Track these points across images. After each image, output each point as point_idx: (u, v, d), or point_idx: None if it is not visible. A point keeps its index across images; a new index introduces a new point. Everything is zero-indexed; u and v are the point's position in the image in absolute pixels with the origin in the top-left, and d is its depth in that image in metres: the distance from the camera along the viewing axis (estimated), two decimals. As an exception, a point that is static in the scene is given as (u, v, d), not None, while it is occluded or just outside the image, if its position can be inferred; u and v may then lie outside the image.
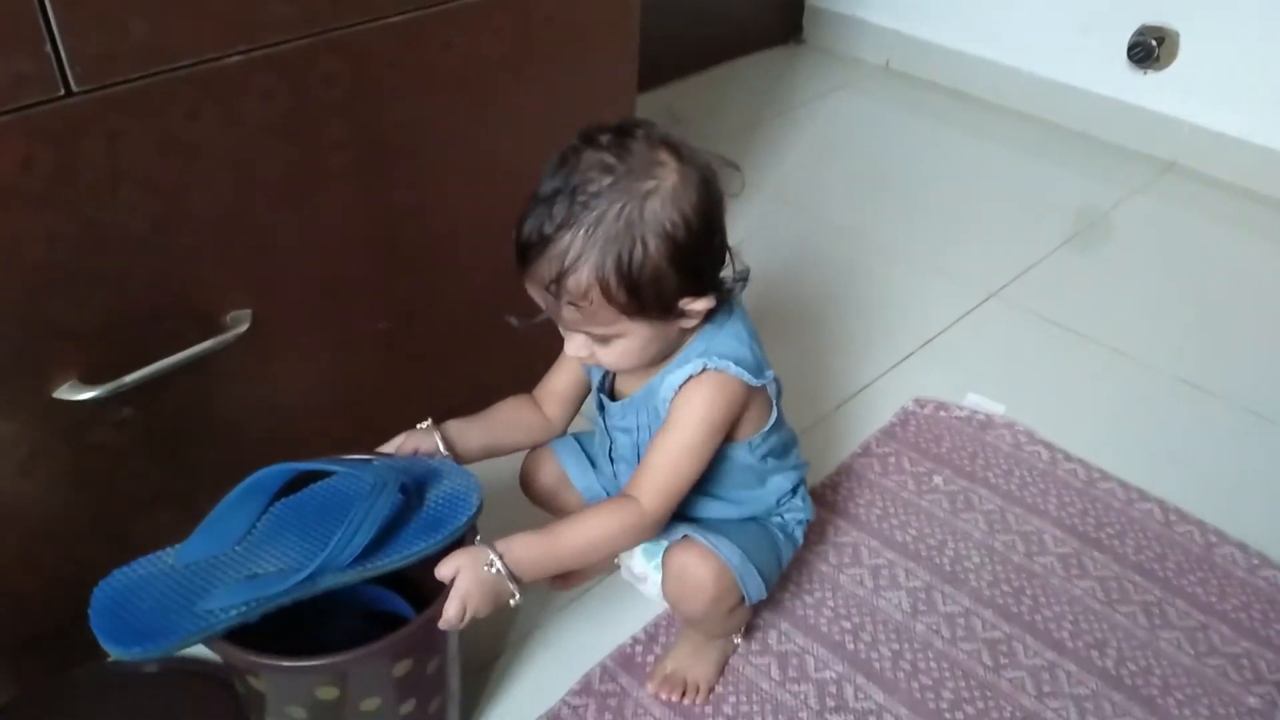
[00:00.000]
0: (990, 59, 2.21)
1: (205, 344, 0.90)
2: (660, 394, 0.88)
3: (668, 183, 0.78)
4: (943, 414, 1.39)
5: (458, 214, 1.10)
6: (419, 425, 0.93)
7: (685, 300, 0.82)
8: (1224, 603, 1.13)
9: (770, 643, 1.07)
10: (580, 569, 1.12)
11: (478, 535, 0.84)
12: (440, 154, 1.04)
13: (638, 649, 1.07)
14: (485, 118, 1.06)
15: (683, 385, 0.86)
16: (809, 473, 1.04)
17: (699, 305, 0.83)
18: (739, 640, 1.06)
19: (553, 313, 0.83)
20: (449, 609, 0.78)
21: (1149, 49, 1.95)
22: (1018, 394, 1.42)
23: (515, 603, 0.81)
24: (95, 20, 0.74)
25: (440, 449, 0.92)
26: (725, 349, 0.86)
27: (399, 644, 0.78)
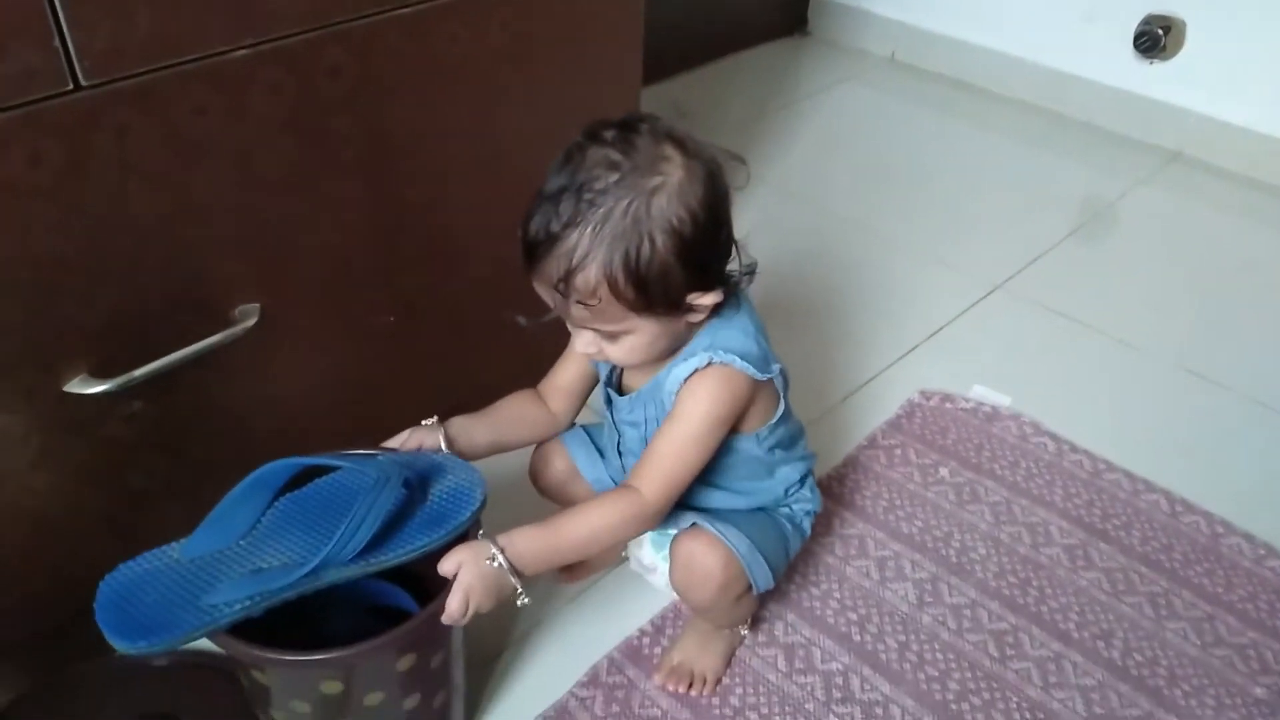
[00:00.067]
0: (995, 49, 2.21)
1: (214, 338, 0.91)
2: (666, 387, 0.88)
3: (674, 178, 0.78)
4: (948, 406, 1.39)
5: (463, 207, 1.10)
6: (424, 422, 0.93)
7: (693, 295, 0.82)
8: (1230, 593, 1.13)
9: (777, 634, 1.08)
10: (585, 561, 1.13)
11: (481, 530, 0.84)
12: (446, 147, 1.04)
13: (645, 641, 1.07)
14: (491, 111, 1.06)
15: (688, 378, 0.86)
16: (816, 464, 1.04)
17: (706, 300, 0.83)
18: (746, 632, 1.06)
19: (561, 311, 0.83)
20: (451, 603, 0.78)
21: (1155, 38, 1.94)
22: (1024, 385, 1.42)
23: (523, 601, 0.81)
24: (103, 14, 0.74)
25: (443, 446, 0.91)
26: (731, 343, 0.86)
27: (402, 639, 0.78)
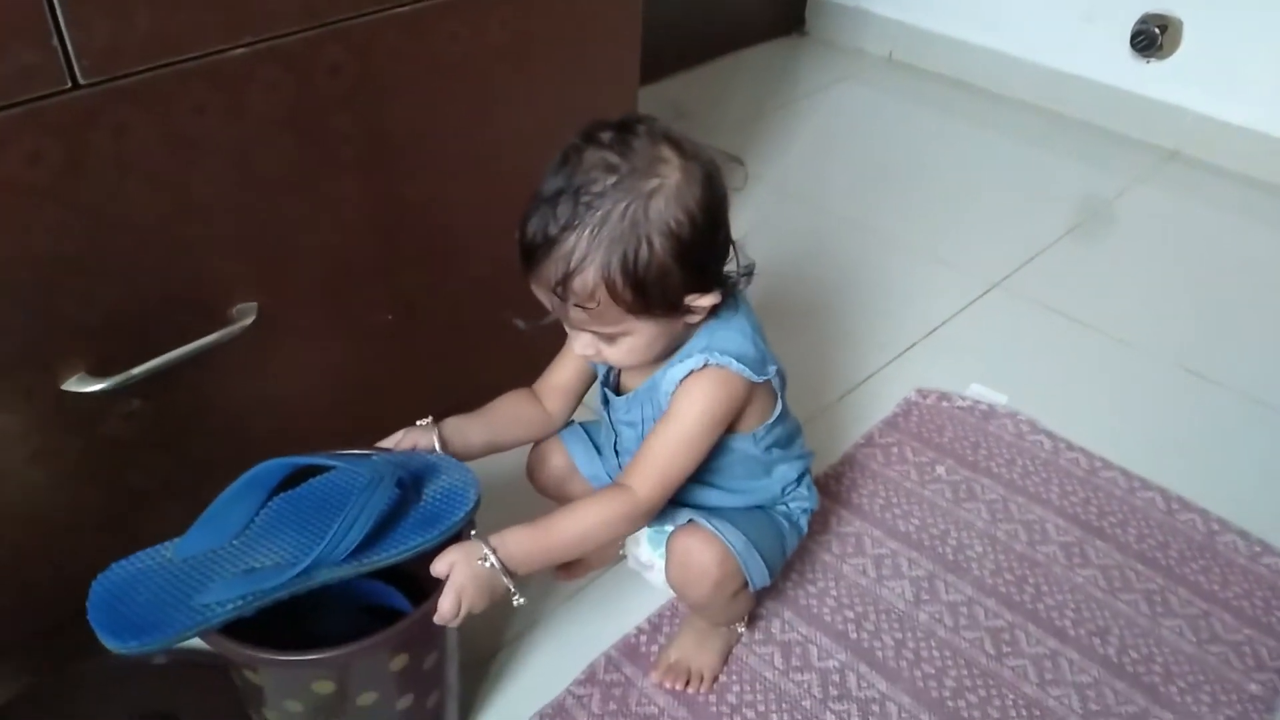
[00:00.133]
0: (993, 49, 2.21)
1: (212, 336, 0.91)
2: (663, 388, 0.88)
3: (671, 180, 0.78)
4: (945, 404, 1.39)
5: (462, 206, 1.10)
6: (419, 422, 0.93)
7: (691, 297, 0.82)
8: (1226, 590, 1.14)
9: (774, 632, 1.08)
10: (583, 559, 1.13)
11: (474, 530, 0.84)
12: (444, 145, 1.04)
13: (642, 639, 1.07)
14: (489, 109, 1.07)
15: (684, 379, 0.86)
16: (813, 462, 1.04)
17: (705, 301, 0.83)
18: (743, 629, 1.07)
19: (559, 313, 0.83)
20: (443, 604, 0.78)
21: (1152, 37, 1.94)
22: (1020, 384, 1.43)
23: (519, 602, 0.81)
24: (102, 13, 0.74)
25: (437, 446, 0.91)
26: (728, 344, 0.86)
27: (394, 639, 0.78)
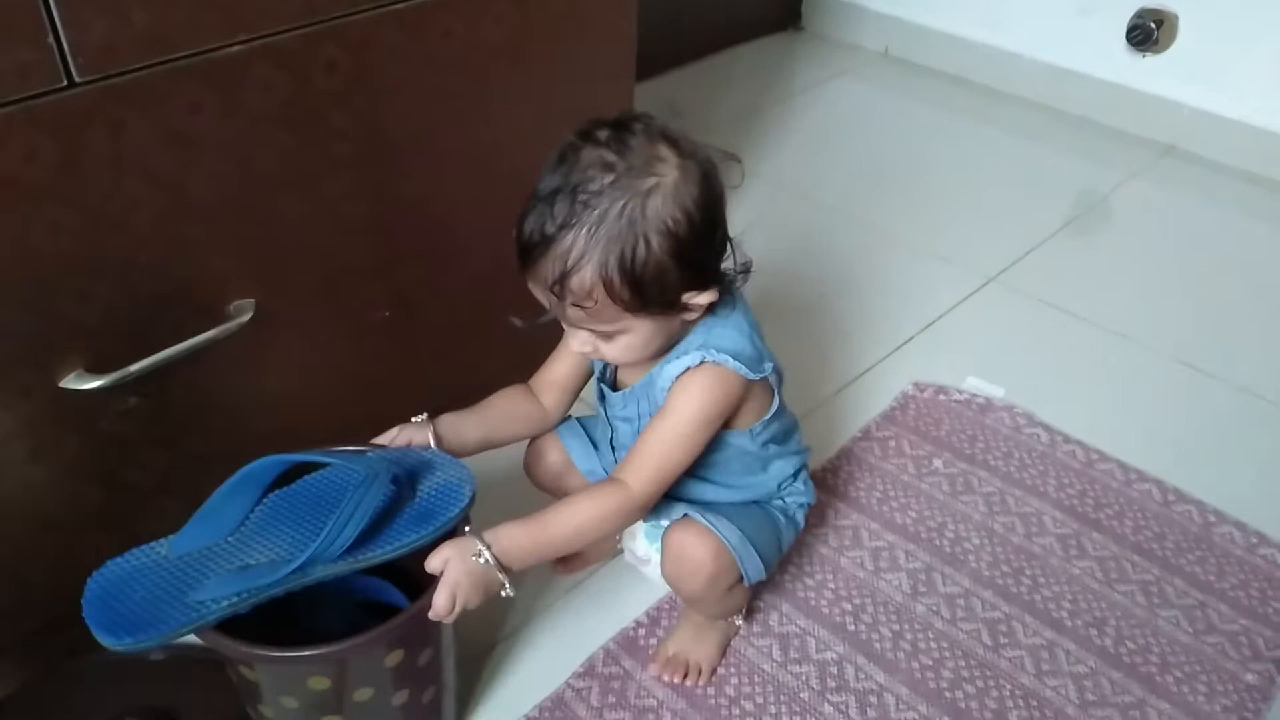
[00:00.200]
0: (989, 44, 2.21)
1: (209, 333, 0.91)
2: (659, 384, 0.88)
3: (669, 179, 0.78)
4: (942, 398, 1.40)
5: (458, 202, 1.10)
6: (414, 419, 0.93)
7: (688, 295, 0.82)
8: (1222, 581, 1.14)
9: (772, 624, 1.08)
10: (581, 553, 1.14)
11: (468, 526, 0.84)
12: (441, 142, 1.04)
13: (640, 632, 1.08)
14: (485, 107, 1.07)
15: (680, 375, 0.86)
16: (810, 456, 1.05)
17: (702, 299, 0.84)
18: (740, 622, 1.07)
19: (556, 311, 0.83)
20: (438, 600, 0.78)
21: (1148, 32, 1.95)
22: (1017, 377, 1.43)
23: (507, 594, 0.81)
24: (96, 11, 0.74)
25: (432, 443, 0.91)
26: (724, 342, 0.86)
27: (388, 635, 0.78)
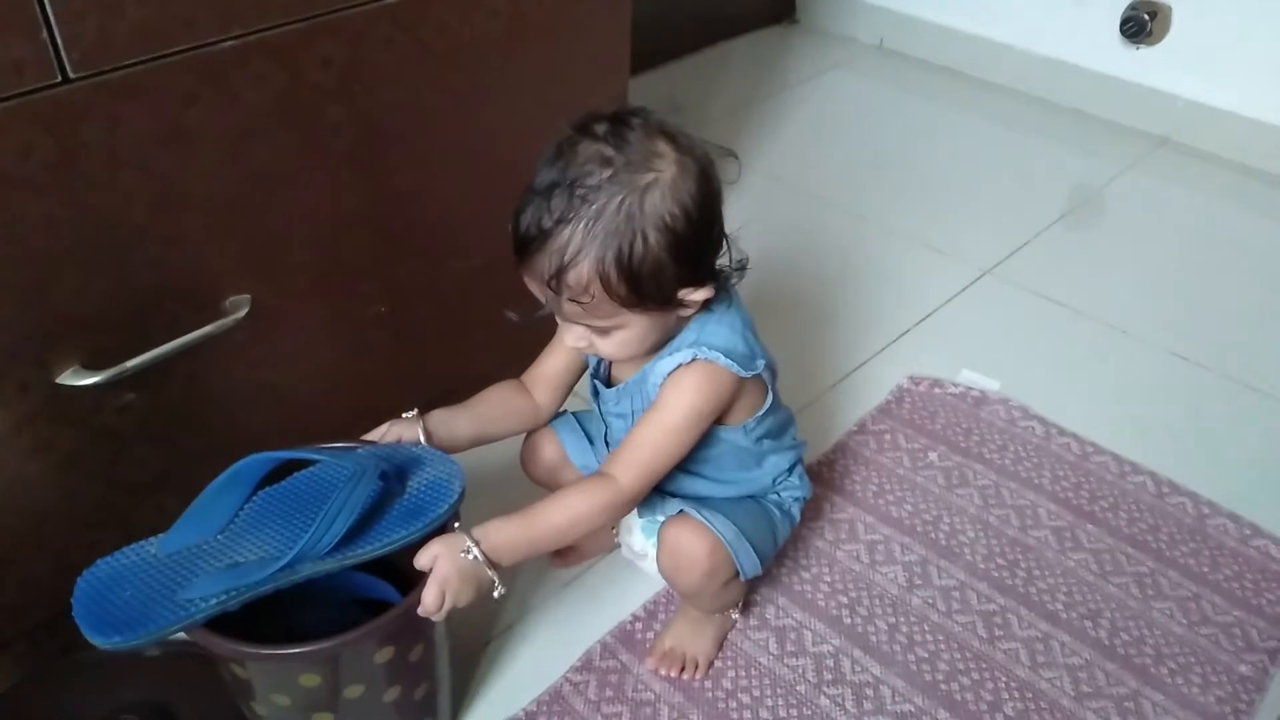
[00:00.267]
0: (983, 36, 2.21)
1: (206, 328, 0.91)
2: (651, 380, 0.88)
3: (667, 174, 0.78)
4: (937, 391, 1.40)
5: (454, 197, 1.10)
6: (404, 415, 0.93)
7: (684, 291, 0.82)
8: (1216, 573, 1.15)
9: (768, 618, 1.09)
10: (578, 547, 1.14)
11: (458, 522, 0.83)
12: (436, 136, 1.04)
13: (637, 626, 1.08)
14: (480, 100, 1.07)
15: (672, 372, 0.86)
16: (806, 451, 1.05)
17: (698, 295, 0.84)
18: (737, 615, 1.07)
19: (552, 306, 0.83)
20: (427, 596, 0.78)
21: (1141, 23, 1.95)
22: (1012, 370, 1.43)
23: (499, 593, 0.81)
24: (91, 6, 0.74)
25: (422, 439, 0.91)
26: (717, 339, 0.86)
27: (378, 632, 0.78)
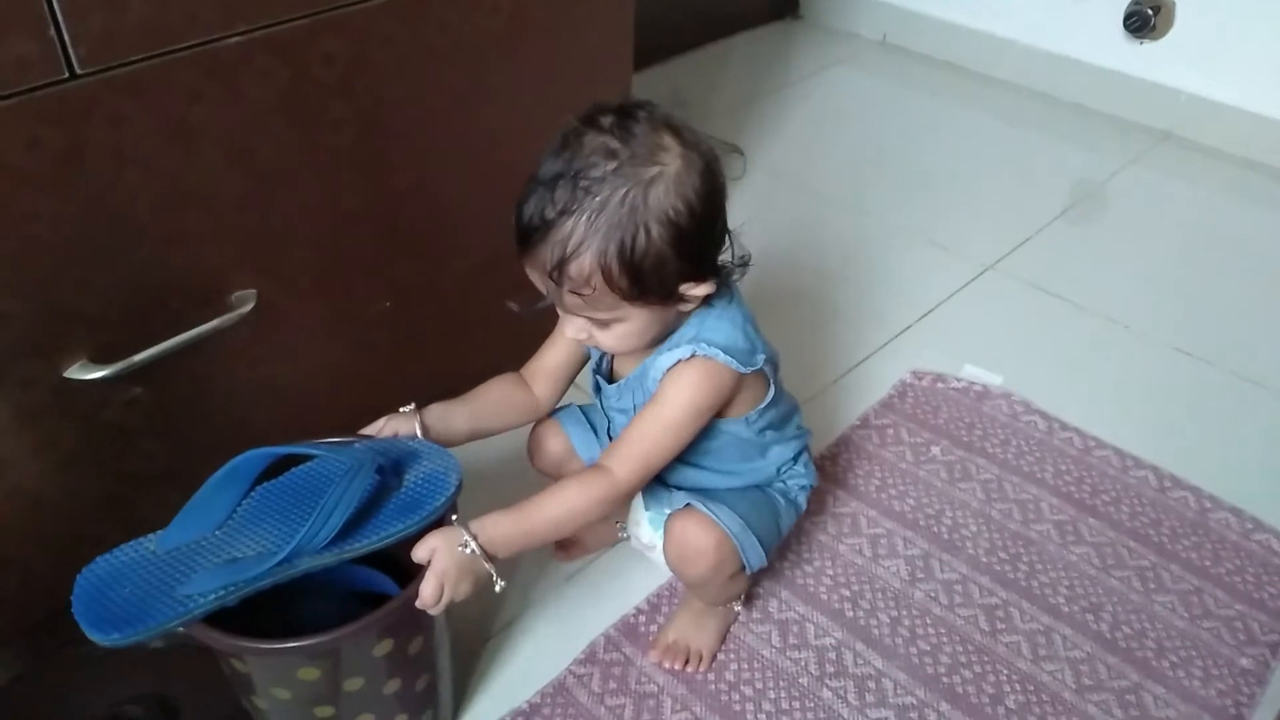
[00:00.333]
0: (986, 31, 2.21)
1: (211, 323, 0.91)
2: (651, 375, 0.89)
3: (671, 168, 0.78)
4: (940, 385, 1.40)
5: (457, 193, 1.10)
6: (401, 409, 0.93)
7: (686, 285, 0.83)
8: (1218, 567, 1.15)
9: (771, 611, 1.09)
10: (581, 540, 1.15)
11: (455, 515, 0.84)
12: (438, 133, 1.05)
13: (641, 619, 1.09)
14: (483, 96, 1.07)
15: (671, 368, 0.86)
16: (811, 439, 1.05)
17: (699, 290, 0.84)
18: (739, 608, 1.08)
19: (552, 296, 0.83)
20: (425, 589, 0.78)
21: (1145, 18, 1.95)
22: (1015, 365, 1.44)
23: (499, 588, 0.81)
24: (97, 3, 0.75)
25: (419, 433, 0.91)
26: (716, 335, 0.86)
27: (375, 625, 0.78)
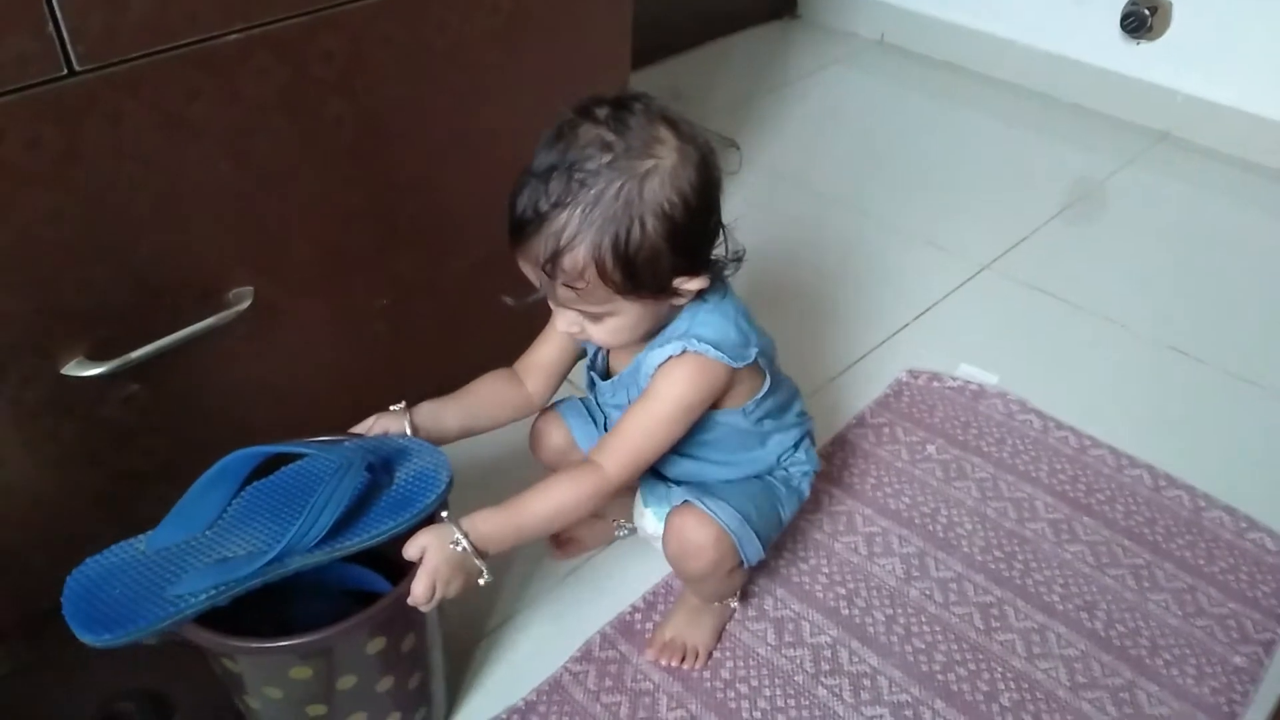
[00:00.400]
0: (984, 31, 2.22)
1: (209, 320, 0.92)
2: (644, 371, 0.89)
3: (667, 162, 0.78)
4: (936, 384, 1.41)
5: (455, 190, 1.11)
6: (392, 407, 0.92)
7: (679, 280, 0.83)
8: (1212, 565, 1.15)
9: (767, 609, 1.10)
10: (578, 538, 1.15)
11: (446, 512, 0.84)
12: (437, 130, 1.05)
13: (637, 616, 1.09)
14: (481, 94, 1.07)
15: (662, 363, 0.86)
16: (813, 425, 1.05)
17: (693, 285, 0.84)
18: (735, 605, 1.08)
19: (545, 289, 0.83)
20: (416, 586, 0.78)
21: (1142, 19, 1.95)
22: (1010, 364, 1.44)
23: (485, 581, 0.81)
24: (95, 1, 0.75)
25: (409, 431, 0.90)
26: (708, 330, 0.86)
27: (367, 623, 0.78)
